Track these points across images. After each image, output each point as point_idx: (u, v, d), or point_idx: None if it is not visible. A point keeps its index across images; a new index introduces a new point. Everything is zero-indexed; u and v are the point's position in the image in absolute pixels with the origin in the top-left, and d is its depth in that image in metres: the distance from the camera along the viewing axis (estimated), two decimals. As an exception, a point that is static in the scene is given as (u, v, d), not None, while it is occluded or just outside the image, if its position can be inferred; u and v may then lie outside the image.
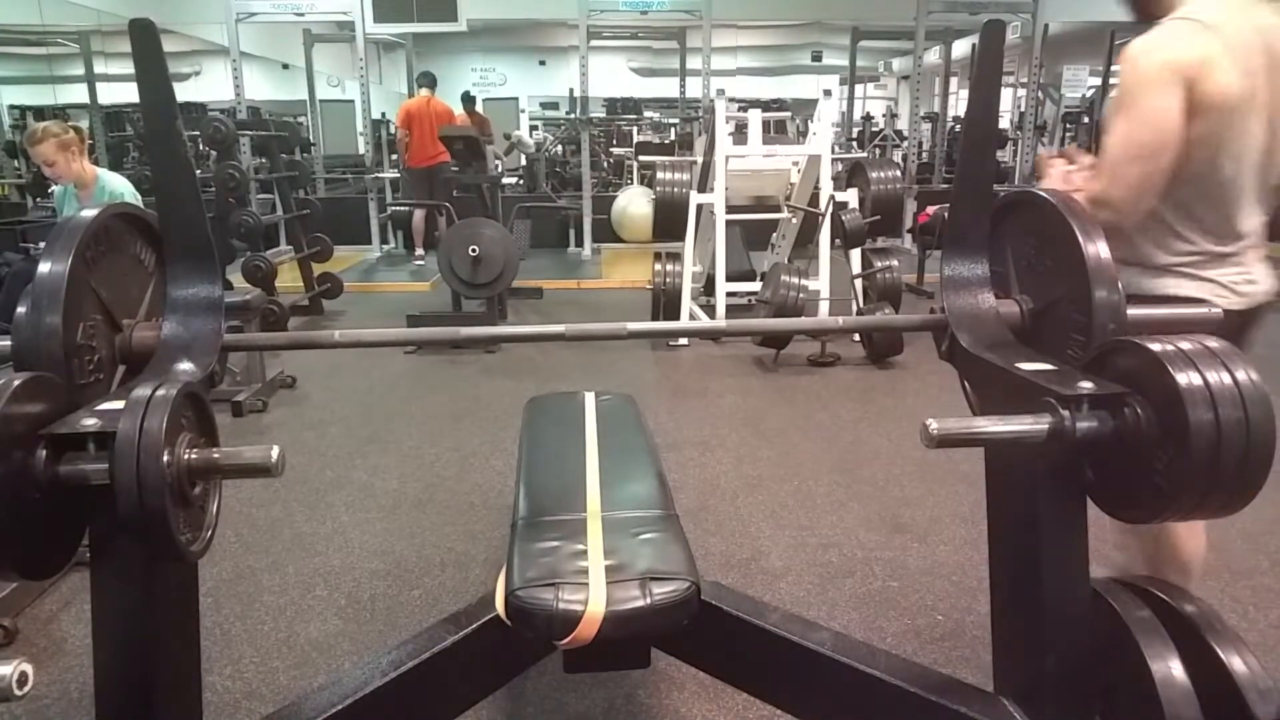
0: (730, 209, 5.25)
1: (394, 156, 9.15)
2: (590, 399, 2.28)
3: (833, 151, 5.33)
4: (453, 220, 5.33)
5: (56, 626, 2.28)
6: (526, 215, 7.75)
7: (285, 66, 13.69)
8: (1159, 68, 1.56)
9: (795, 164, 5.47)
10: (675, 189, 5.26)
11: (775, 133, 7.36)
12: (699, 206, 5.21)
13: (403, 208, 8.19)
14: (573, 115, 10.45)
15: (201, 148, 7.05)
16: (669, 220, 5.29)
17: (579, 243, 8.71)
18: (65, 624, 2.28)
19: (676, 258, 5.39)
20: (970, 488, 2.97)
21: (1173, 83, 1.54)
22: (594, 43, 8.75)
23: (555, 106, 16.07)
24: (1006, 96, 11.58)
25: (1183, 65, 1.54)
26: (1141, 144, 1.58)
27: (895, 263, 5.15)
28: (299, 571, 2.57)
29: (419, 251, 8.08)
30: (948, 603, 2.35)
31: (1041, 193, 1.38)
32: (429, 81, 7.88)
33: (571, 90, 10.37)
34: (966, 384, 1.56)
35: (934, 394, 4.10)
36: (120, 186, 3.52)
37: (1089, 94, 12.14)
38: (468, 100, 9.32)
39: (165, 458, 0.99)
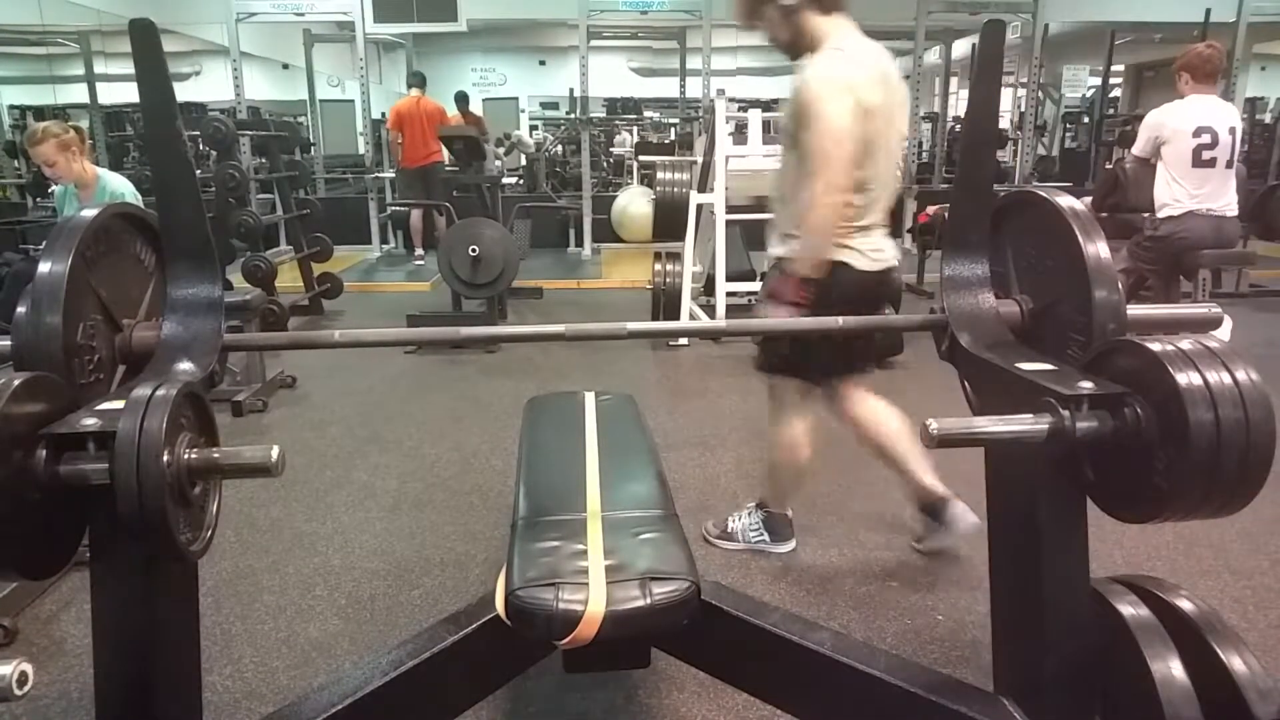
0: (730, 209, 5.24)
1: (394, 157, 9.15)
2: (590, 399, 2.28)
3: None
4: (452, 220, 5.33)
5: (56, 626, 2.27)
6: (526, 215, 7.75)
7: (285, 66, 13.68)
8: (833, 83, 2.06)
9: (795, 164, 5.46)
10: (675, 189, 5.25)
11: (775, 133, 7.35)
12: (699, 206, 5.21)
13: (402, 208, 8.18)
14: (573, 115, 10.45)
15: (201, 148, 7.03)
16: (669, 220, 5.29)
17: (579, 243, 8.71)
18: (65, 624, 2.28)
19: (676, 258, 5.38)
20: (970, 488, 2.96)
21: (844, 92, 2.04)
22: (594, 43, 8.74)
23: (555, 106, 16.07)
24: (1006, 96, 11.58)
25: (848, 80, 2.06)
26: (835, 136, 2.03)
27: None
28: (299, 571, 2.57)
29: (419, 251, 8.07)
30: (948, 603, 2.35)
31: (1041, 192, 1.38)
32: (419, 81, 7.86)
33: (571, 90, 10.36)
34: (966, 384, 1.56)
35: (934, 394, 4.08)
36: (121, 186, 3.52)
37: (1089, 94, 12.16)
38: (461, 99, 9.26)
39: (165, 458, 0.99)
